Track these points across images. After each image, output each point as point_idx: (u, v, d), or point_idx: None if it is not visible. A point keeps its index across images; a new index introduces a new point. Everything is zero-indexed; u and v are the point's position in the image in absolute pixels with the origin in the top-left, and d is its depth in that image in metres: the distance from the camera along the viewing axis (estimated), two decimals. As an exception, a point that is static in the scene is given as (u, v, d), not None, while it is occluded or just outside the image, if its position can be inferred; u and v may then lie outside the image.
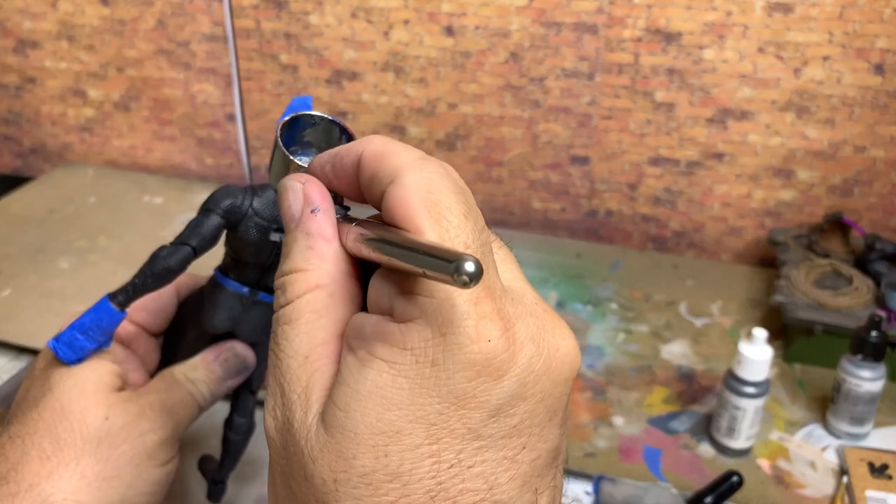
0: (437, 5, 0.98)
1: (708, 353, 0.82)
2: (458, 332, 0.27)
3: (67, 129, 1.21)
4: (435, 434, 0.27)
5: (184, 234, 0.45)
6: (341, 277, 0.32)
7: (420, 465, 0.27)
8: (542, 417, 0.29)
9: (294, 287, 0.31)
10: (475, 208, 0.30)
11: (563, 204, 1.05)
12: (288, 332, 0.31)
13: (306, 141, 0.38)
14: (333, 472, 0.28)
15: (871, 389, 0.69)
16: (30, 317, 0.83)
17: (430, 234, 0.28)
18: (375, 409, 0.27)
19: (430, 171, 0.30)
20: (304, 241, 0.32)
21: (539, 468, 0.29)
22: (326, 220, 0.32)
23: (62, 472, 0.43)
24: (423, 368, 0.27)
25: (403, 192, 0.29)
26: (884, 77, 0.88)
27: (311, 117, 0.37)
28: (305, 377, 0.30)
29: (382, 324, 0.28)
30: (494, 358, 0.27)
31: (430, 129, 1.05)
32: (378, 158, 0.30)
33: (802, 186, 0.96)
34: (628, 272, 0.96)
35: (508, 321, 0.28)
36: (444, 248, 0.26)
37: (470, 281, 0.24)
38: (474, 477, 0.27)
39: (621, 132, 0.99)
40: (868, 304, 0.80)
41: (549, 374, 0.28)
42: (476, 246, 0.28)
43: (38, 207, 1.07)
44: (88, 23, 1.12)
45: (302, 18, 1.03)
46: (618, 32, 0.94)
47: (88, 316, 0.45)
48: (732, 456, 0.69)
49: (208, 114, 1.14)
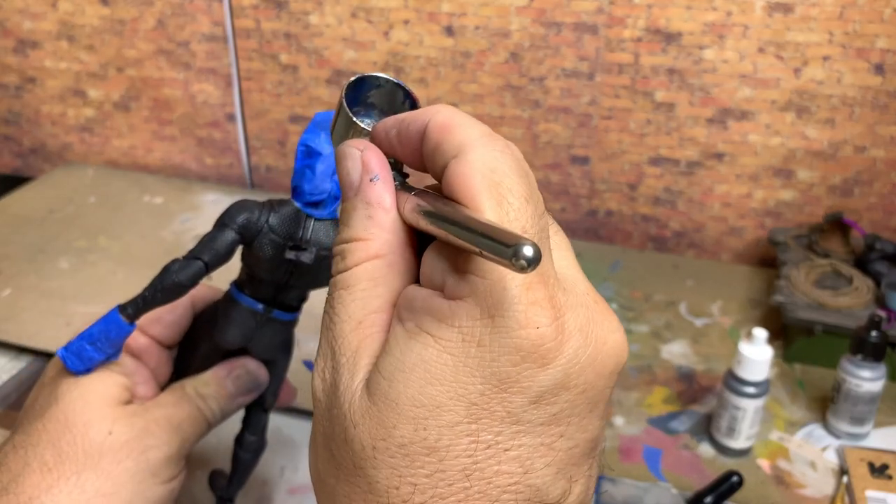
0: (437, 5, 0.98)
1: (708, 353, 0.82)
2: (508, 315, 0.27)
3: (67, 129, 1.21)
4: (475, 413, 0.27)
5: (197, 249, 0.44)
6: (399, 247, 0.32)
7: (457, 442, 0.27)
8: (582, 408, 0.29)
9: (354, 255, 0.31)
10: (537, 192, 0.30)
11: (563, 204, 1.05)
12: (344, 297, 0.31)
13: (370, 102, 0.37)
14: (373, 438, 0.28)
15: (871, 389, 0.69)
16: (30, 317, 0.83)
17: (489, 214, 0.28)
18: (418, 382, 0.28)
19: (496, 149, 0.29)
20: (364, 210, 0.32)
21: (576, 457, 0.29)
22: (385, 189, 0.32)
23: (62, 485, 0.42)
24: (469, 347, 0.27)
25: (466, 169, 0.29)
26: (884, 77, 0.88)
27: (376, 78, 0.37)
28: (357, 342, 0.30)
29: (433, 298, 0.29)
30: (541, 345, 0.27)
31: (430, 129, 1.05)
32: (444, 130, 0.30)
33: (802, 186, 0.96)
34: (628, 272, 0.96)
35: (559, 310, 0.28)
36: (505, 229, 0.26)
37: (528, 266, 0.24)
38: (510, 460, 0.28)
39: (621, 132, 0.99)
40: (868, 304, 0.80)
41: (594, 366, 0.29)
42: (534, 231, 0.28)
43: (38, 207, 1.07)
44: (88, 23, 1.12)
45: (302, 18, 1.03)
46: (618, 32, 0.94)
47: (97, 327, 0.44)
48: (732, 456, 0.69)
49: (208, 114, 1.14)
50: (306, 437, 0.69)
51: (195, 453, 0.64)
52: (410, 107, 0.37)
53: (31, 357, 0.78)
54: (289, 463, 0.67)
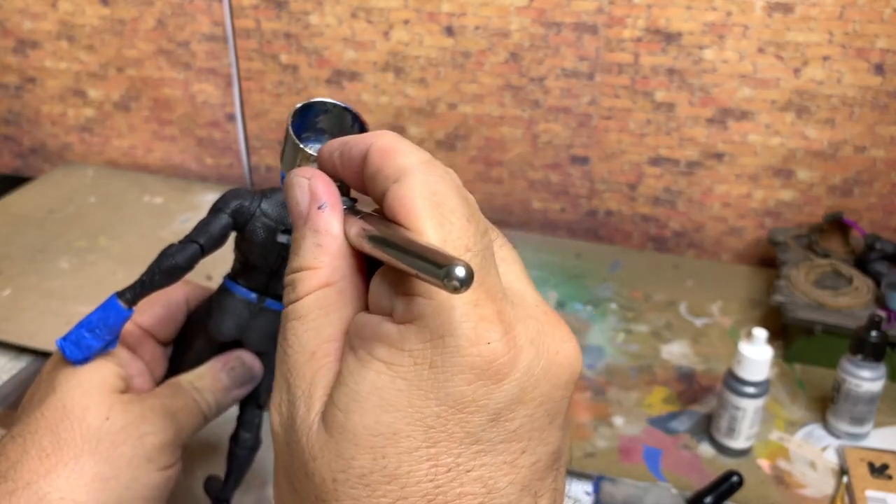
0: (437, 5, 0.98)
1: (708, 353, 0.82)
2: (457, 334, 0.27)
3: (67, 129, 1.21)
4: (433, 437, 0.27)
5: (192, 233, 0.45)
6: (350, 273, 0.31)
7: (418, 467, 0.27)
8: (542, 421, 0.28)
9: (304, 284, 0.31)
10: (478, 212, 0.30)
11: (563, 204, 1.05)
12: (297, 328, 0.31)
13: (319, 128, 0.38)
14: (332, 471, 0.28)
15: (871, 389, 0.69)
16: (30, 317, 0.83)
17: (432, 235, 0.28)
18: (373, 411, 0.27)
19: (436, 174, 0.29)
20: (313, 239, 0.32)
21: (539, 472, 0.29)
22: (334, 217, 0.32)
23: (60, 470, 0.42)
24: (422, 371, 0.27)
25: (407, 192, 0.28)
26: (884, 77, 0.88)
27: (323, 104, 0.37)
28: (311, 373, 0.30)
29: (382, 324, 0.28)
30: (494, 361, 0.27)
31: (430, 129, 1.05)
32: (385, 155, 0.30)
33: (802, 186, 0.96)
34: (628, 272, 0.96)
35: (509, 324, 0.27)
36: (438, 250, 0.26)
37: (461, 286, 0.24)
38: (472, 481, 0.27)
39: (621, 132, 0.99)
40: (868, 304, 0.80)
41: (549, 377, 0.28)
42: (477, 249, 0.28)
43: (38, 207, 1.07)
44: (88, 23, 1.12)
45: (302, 18, 1.03)
46: (618, 32, 0.94)
47: (96, 314, 0.45)
48: (732, 456, 0.69)
49: (208, 114, 1.14)
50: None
51: (194, 452, 0.64)
52: (359, 130, 0.37)
53: (31, 357, 0.79)
54: (289, 463, 0.67)
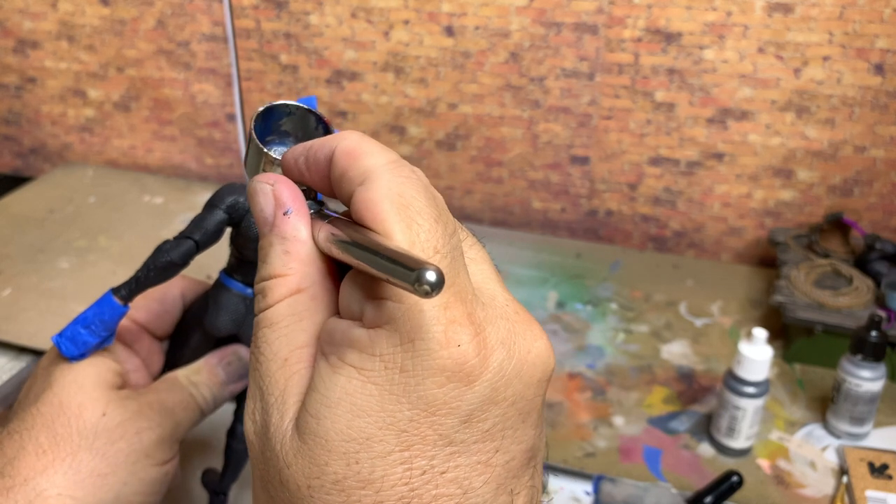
0: (437, 5, 0.98)
1: (708, 353, 0.82)
2: (427, 337, 0.27)
3: (67, 129, 1.21)
4: (406, 441, 0.27)
5: (187, 229, 0.45)
6: (321, 279, 0.31)
7: (392, 471, 0.27)
8: (514, 420, 0.28)
9: (274, 292, 0.31)
10: (446, 212, 0.29)
11: (563, 204, 1.05)
12: (268, 335, 0.31)
13: (283, 130, 0.37)
14: (307, 478, 0.28)
15: (870, 389, 0.69)
16: (30, 317, 0.83)
17: (400, 237, 0.27)
18: (345, 416, 0.27)
19: (402, 175, 0.29)
20: (281, 245, 0.31)
21: (514, 469, 0.29)
22: (300, 222, 0.32)
23: (57, 466, 0.42)
24: (393, 375, 0.27)
25: (374, 195, 0.28)
26: (884, 77, 0.88)
27: (286, 106, 0.36)
28: (283, 380, 0.30)
29: (352, 329, 0.28)
30: (465, 363, 0.27)
31: (430, 129, 1.05)
32: (350, 157, 0.30)
33: (802, 186, 0.96)
34: (628, 272, 0.96)
35: (479, 325, 0.27)
36: (408, 254, 0.25)
37: (431, 290, 0.24)
38: (448, 482, 0.27)
39: (621, 132, 0.99)
40: (868, 304, 0.80)
41: (520, 377, 0.28)
42: (446, 251, 0.28)
43: (38, 207, 1.07)
44: (88, 23, 1.12)
45: (302, 18, 1.03)
46: (618, 32, 0.94)
47: (92, 310, 0.45)
48: (732, 456, 0.69)
49: (208, 114, 1.14)
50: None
51: (191, 446, 0.64)
52: (324, 132, 0.36)
53: (31, 357, 0.78)
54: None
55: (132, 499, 0.44)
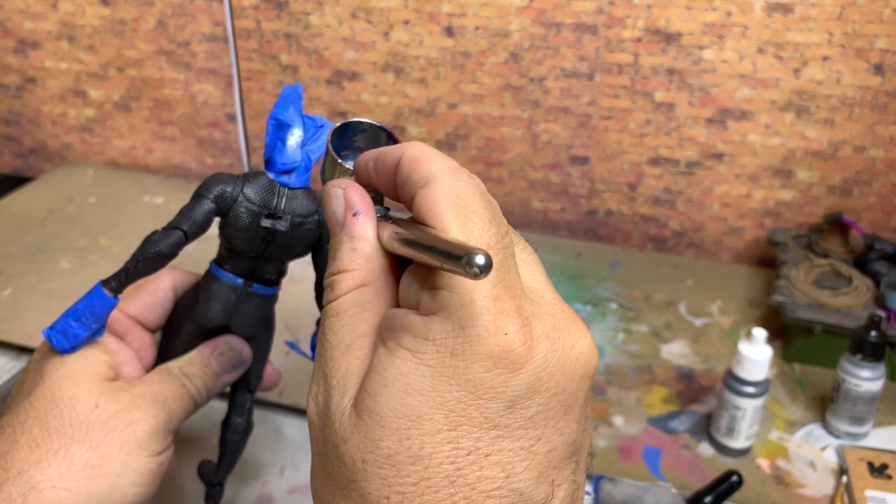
0: (437, 5, 0.98)
1: (708, 352, 0.82)
2: (477, 325, 0.29)
3: (68, 129, 1.21)
4: (454, 420, 0.29)
5: (175, 219, 0.45)
6: (384, 274, 0.34)
7: (439, 449, 0.29)
8: (556, 411, 0.30)
9: (342, 285, 0.34)
10: (500, 215, 0.32)
11: (563, 204, 1.05)
12: (334, 324, 0.33)
13: (357, 146, 0.40)
14: (362, 452, 0.30)
15: (870, 389, 0.69)
16: (30, 317, 0.83)
17: (455, 233, 0.30)
18: (399, 395, 0.29)
19: (461, 179, 0.32)
20: (349, 244, 0.34)
21: (555, 460, 0.30)
22: (368, 222, 0.35)
23: (51, 459, 0.43)
24: (444, 358, 0.29)
25: (434, 195, 0.31)
26: (883, 77, 0.88)
27: (360, 124, 0.40)
28: (346, 364, 0.32)
29: (409, 316, 0.31)
30: (511, 351, 0.29)
31: (430, 129, 1.05)
32: (415, 163, 0.33)
33: (802, 186, 0.96)
34: (628, 272, 0.96)
35: (526, 318, 0.29)
36: (461, 243, 0.28)
37: (480, 272, 0.26)
38: (492, 465, 0.29)
39: (621, 132, 0.99)
40: (867, 304, 0.80)
41: (564, 370, 0.30)
42: (498, 248, 0.30)
43: (38, 207, 1.07)
44: (89, 23, 1.12)
45: (302, 19, 1.03)
46: (618, 32, 0.94)
47: (82, 303, 0.45)
48: (732, 455, 0.69)
49: (208, 114, 1.14)
50: (306, 436, 0.69)
51: (186, 438, 0.64)
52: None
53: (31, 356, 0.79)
54: (289, 463, 0.67)
55: (126, 490, 0.44)
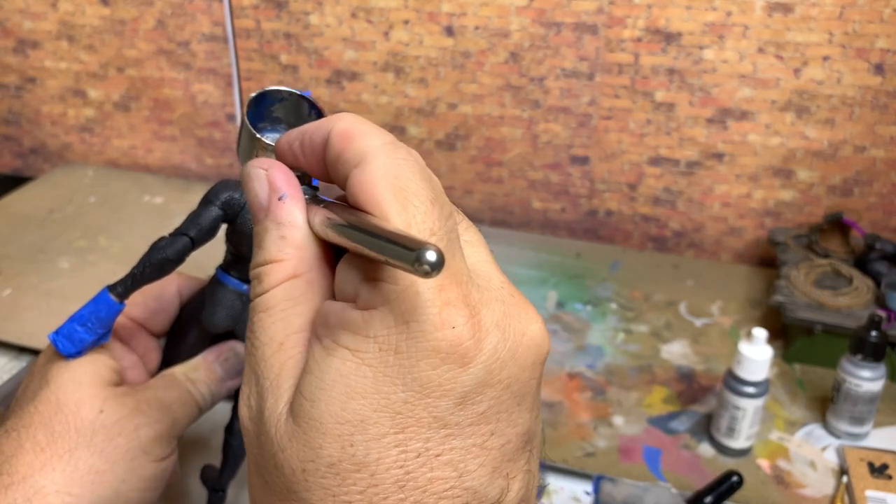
0: (437, 5, 0.98)
1: (708, 353, 0.82)
2: (422, 319, 0.27)
3: (67, 129, 1.21)
4: (401, 423, 0.27)
5: (183, 226, 0.45)
6: (317, 264, 0.31)
7: (386, 454, 0.27)
8: (509, 403, 0.28)
9: (270, 277, 0.31)
10: (442, 195, 0.29)
11: (563, 204, 1.05)
12: (264, 320, 0.30)
13: (275, 117, 0.37)
14: (301, 461, 0.28)
15: (870, 389, 0.69)
16: (30, 317, 0.83)
17: (396, 219, 0.27)
18: (340, 399, 0.27)
19: (399, 156, 0.29)
20: (276, 231, 0.31)
21: (509, 453, 0.29)
22: (295, 206, 0.31)
23: (55, 464, 0.43)
24: (387, 357, 0.27)
25: (369, 177, 0.28)
26: (884, 77, 0.88)
27: (278, 92, 0.36)
28: (279, 365, 0.30)
29: (346, 311, 0.28)
30: (459, 345, 0.27)
31: (430, 129, 1.05)
32: (346, 139, 0.30)
33: (802, 186, 0.96)
34: (628, 272, 0.96)
35: (474, 308, 0.27)
36: (407, 235, 0.25)
37: (431, 270, 0.24)
38: (443, 465, 0.27)
39: (621, 132, 0.99)
40: (868, 303, 0.80)
41: (515, 359, 0.28)
42: (442, 233, 0.28)
43: (38, 207, 1.07)
44: (88, 23, 1.12)
45: (302, 18, 1.03)
46: (618, 32, 0.94)
47: (88, 308, 0.45)
48: (732, 456, 0.69)
49: (208, 114, 1.14)
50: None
51: (190, 443, 0.64)
52: (317, 117, 0.36)
53: (32, 357, 0.78)
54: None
55: (130, 495, 0.44)
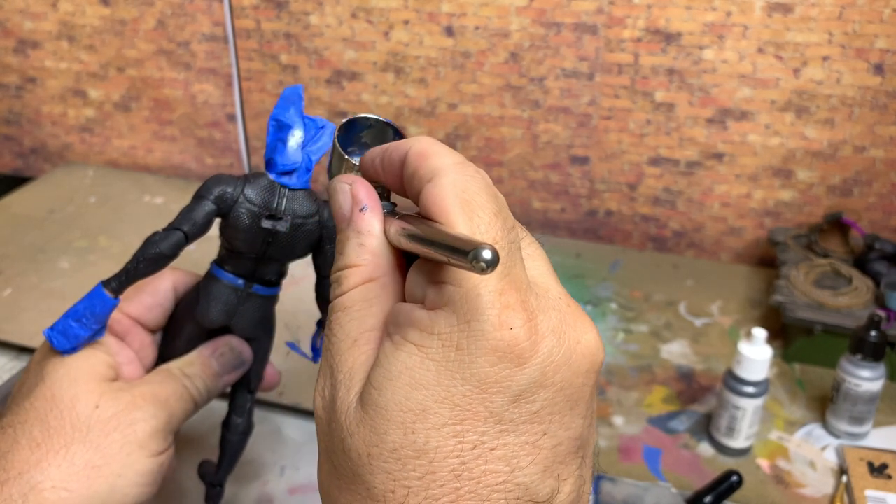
0: (437, 5, 0.98)
1: (708, 352, 0.82)
2: (483, 319, 0.29)
3: (68, 129, 1.21)
4: (459, 415, 0.29)
5: (176, 220, 0.45)
6: (391, 270, 0.34)
7: (445, 443, 0.29)
8: (562, 406, 0.30)
9: (349, 280, 0.34)
10: (506, 209, 0.32)
11: (563, 204, 1.05)
12: (341, 318, 0.33)
13: (363, 142, 0.40)
14: (367, 446, 0.30)
15: (870, 389, 0.69)
16: (30, 317, 0.83)
17: (461, 227, 0.30)
18: (404, 389, 0.29)
19: (467, 174, 0.32)
20: (356, 239, 0.34)
21: (561, 455, 0.30)
22: (374, 217, 0.35)
23: (51, 459, 0.43)
24: (449, 352, 0.29)
25: (440, 190, 0.31)
26: (883, 77, 0.88)
27: (366, 119, 0.40)
28: (352, 359, 0.32)
29: (415, 311, 0.31)
30: (516, 345, 0.29)
31: (431, 129, 1.05)
32: (421, 157, 0.33)
33: (802, 186, 0.96)
34: (628, 272, 0.96)
35: (531, 312, 0.29)
36: (467, 238, 0.28)
37: (487, 267, 0.26)
38: (497, 459, 0.29)
39: (621, 132, 0.99)
40: (867, 303, 0.80)
41: (569, 364, 0.30)
42: (504, 242, 0.30)
43: (38, 207, 1.07)
44: (89, 23, 1.12)
45: (302, 19, 1.03)
46: (618, 32, 0.94)
47: (82, 303, 0.45)
48: (732, 455, 0.69)
49: (208, 114, 1.14)
50: (306, 436, 0.69)
51: (187, 439, 0.64)
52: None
53: (31, 357, 0.78)
54: (289, 463, 0.67)
55: (127, 490, 0.44)
